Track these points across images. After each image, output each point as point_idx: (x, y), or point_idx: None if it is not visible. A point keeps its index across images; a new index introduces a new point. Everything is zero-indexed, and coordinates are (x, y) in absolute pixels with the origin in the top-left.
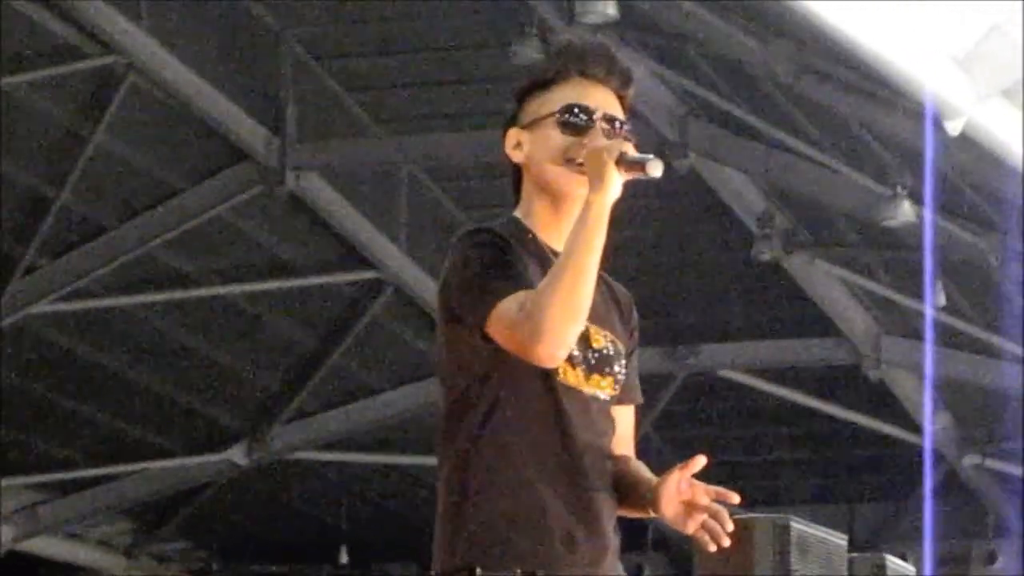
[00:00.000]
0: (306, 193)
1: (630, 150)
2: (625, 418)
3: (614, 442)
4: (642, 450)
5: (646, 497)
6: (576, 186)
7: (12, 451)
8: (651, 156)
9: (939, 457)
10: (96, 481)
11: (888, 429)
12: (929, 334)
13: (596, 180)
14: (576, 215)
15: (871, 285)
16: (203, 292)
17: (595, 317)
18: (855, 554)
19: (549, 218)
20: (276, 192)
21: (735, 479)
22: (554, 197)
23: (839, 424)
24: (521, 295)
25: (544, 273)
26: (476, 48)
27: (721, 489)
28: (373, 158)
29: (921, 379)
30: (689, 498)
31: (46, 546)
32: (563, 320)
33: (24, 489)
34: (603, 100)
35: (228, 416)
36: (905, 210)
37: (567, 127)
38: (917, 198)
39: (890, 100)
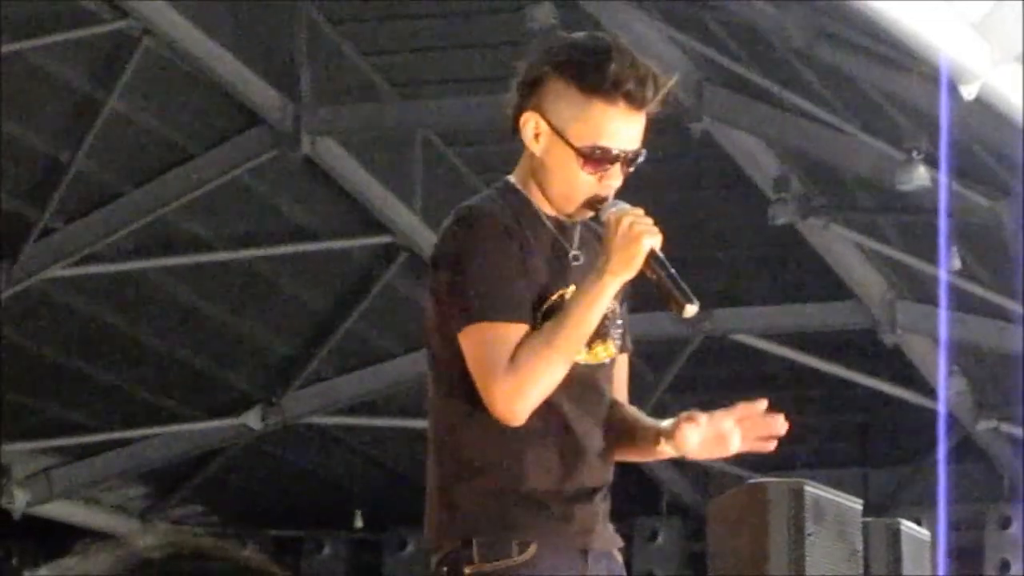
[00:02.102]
0: (321, 157)
1: (658, 247)
2: (620, 367)
3: (609, 397)
4: (657, 415)
5: (657, 441)
6: (585, 215)
7: (26, 415)
8: (692, 298)
9: (954, 421)
10: (110, 445)
11: (903, 393)
12: (944, 298)
13: (620, 263)
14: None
15: (886, 249)
16: (218, 256)
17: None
18: (869, 518)
19: (548, 199)
20: (291, 156)
21: None
22: (556, 208)
23: (854, 388)
24: (511, 336)
25: (541, 246)
26: (491, 12)
27: (741, 405)
28: (388, 122)
29: (936, 343)
30: (718, 432)
31: (60, 510)
32: (542, 390)
33: (38, 453)
34: (633, 131)
35: (243, 381)
36: (920, 174)
37: (589, 165)
38: (932, 162)
39: (905, 64)
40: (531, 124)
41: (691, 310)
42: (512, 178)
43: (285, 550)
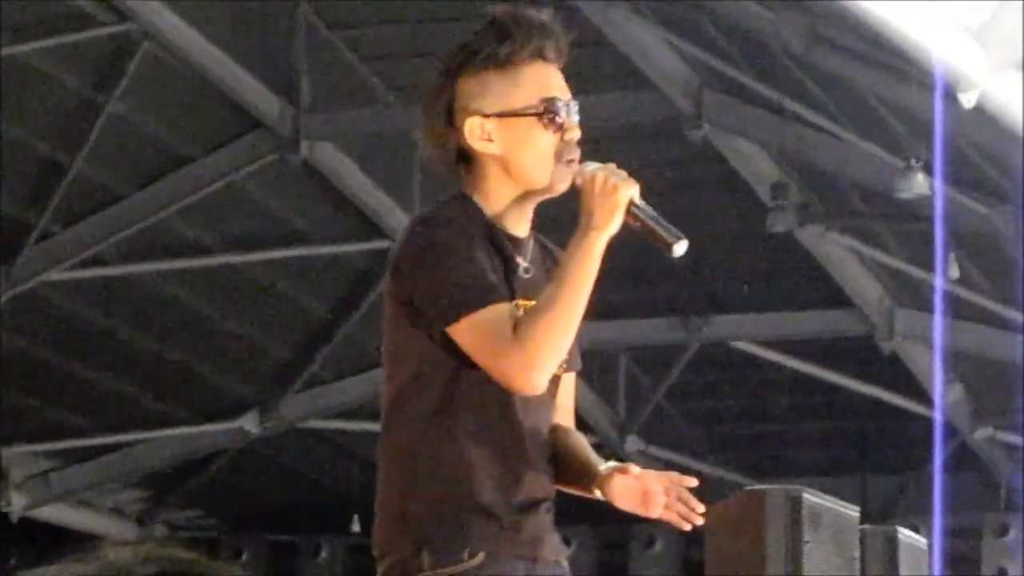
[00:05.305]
0: (320, 162)
1: (636, 196)
2: (566, 386)
3: (555, 413)
4: (655, 421)
5: (591, 482)
6: (567, 184)
7: (24, 418)
8: (679, 235)
9: (951, 429)
10: (108, 449)
11: (901, 401)
12: (941, 306)
13: (602, 218)
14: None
15: (884, 257)
16: (216, 260)
17: (540, 294)
18: (867, 526)
19: (514, 205)
20: (290, 161)
21: (747, 450)
22: (535, 192)
23: (851, 396)
24: (504, 313)
25: (505, 265)
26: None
27: (674, 475)
28: (387, 127)
29: (934, 351)
30: (645, 490)
31: (58, 514)
32: (553, 355)
33: (36, 457)
34: (561, 80)
35: (240, 384)
36: (918, 182)
37: (548, 123)
38: (931, 170)
39: (904, 72)
40: (476, 129)
41: (680, 247)
42: (472, 194)
43: (282, 554)
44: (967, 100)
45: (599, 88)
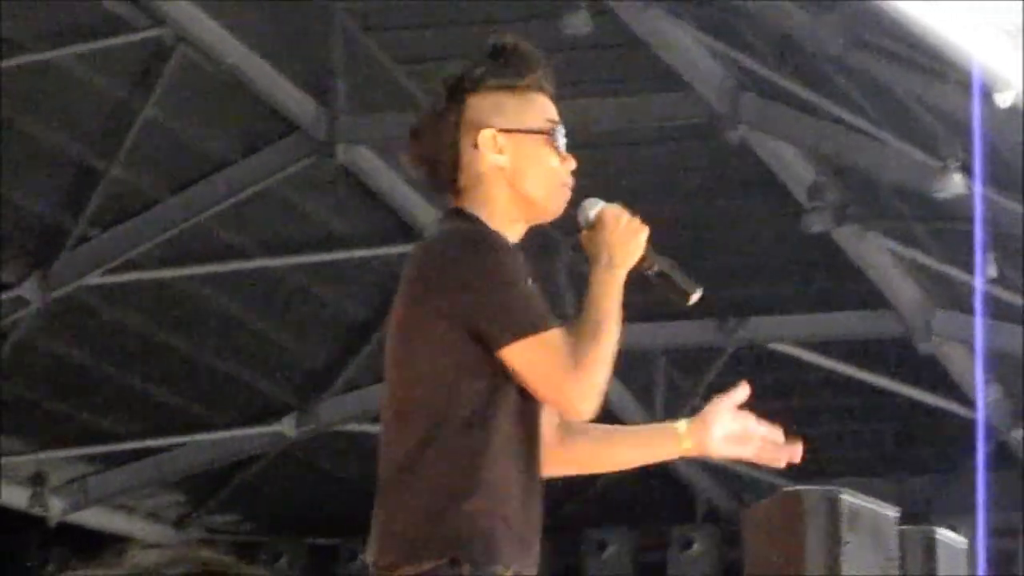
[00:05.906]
0: (356, 165)
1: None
2: None
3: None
4: None
5: (672, 435)
6: (561, 208)
7: (62, 423)
8: (694, 284)
9: (990, 429)
10: (146, 453)
11: (939, 402)
12: (979, 306)
13: (625, 256)
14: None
15: (922, 257)
16: (253, 264)
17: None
18: (906, 526)
19: (515, 219)
20: (326, 164)
21: None
22: (533, 212)
23: (890, 397)
24: (563, 339)
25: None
26: (525, 20)
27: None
28: None
29: (971, 351)
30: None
31: (96, 518)
32: (604, 384)
33: (74, 461)
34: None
35: (278, 388)
36: (956, 182)
37: (555, 145)
38: (968, 170)
39: (941, 72)
40: (489, 141)
41: (696, 295)
42: (478, 213)
43: (321, 558)
44: (1003, 100)
45: (635, 90)
